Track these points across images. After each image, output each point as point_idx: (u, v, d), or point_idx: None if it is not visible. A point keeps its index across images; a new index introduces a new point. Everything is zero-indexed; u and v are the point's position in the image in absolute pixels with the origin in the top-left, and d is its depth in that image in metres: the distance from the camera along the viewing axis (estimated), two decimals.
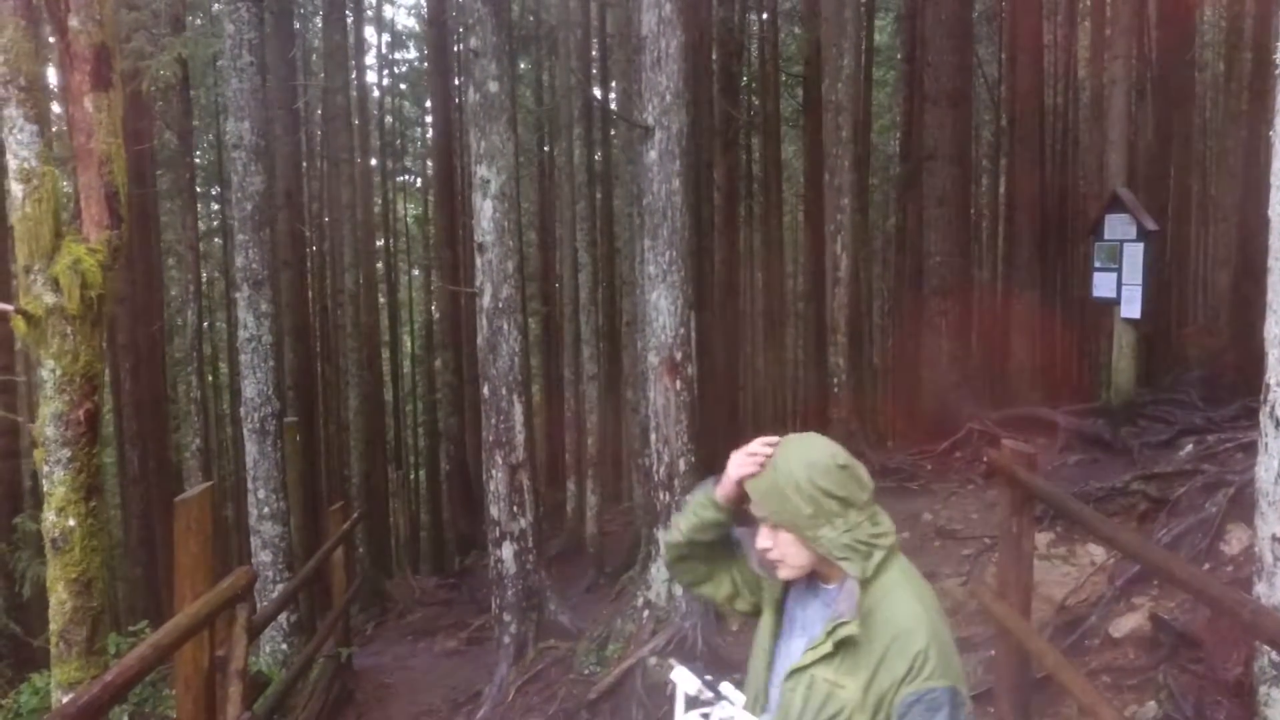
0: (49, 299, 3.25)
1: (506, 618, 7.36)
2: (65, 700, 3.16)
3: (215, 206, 23.80)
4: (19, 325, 3.23)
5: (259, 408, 7.65)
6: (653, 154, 6.45)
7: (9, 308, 3.31)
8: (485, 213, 7.19)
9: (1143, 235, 8.91)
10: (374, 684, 8.28)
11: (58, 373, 3.28)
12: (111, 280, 3.40)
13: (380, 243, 24.16)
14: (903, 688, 1.87)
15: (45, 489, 3.33)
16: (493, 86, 7.14)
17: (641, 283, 8.22)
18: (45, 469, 3.33)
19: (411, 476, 28.07)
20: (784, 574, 2.05)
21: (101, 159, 3.33)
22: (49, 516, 3.33)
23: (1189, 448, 6.70)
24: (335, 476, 17.57)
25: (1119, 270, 9.07)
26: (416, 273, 31.31)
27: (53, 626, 3.39)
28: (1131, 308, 8.99)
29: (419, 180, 30.98)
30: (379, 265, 22.52)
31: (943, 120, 10.30)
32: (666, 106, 6.37)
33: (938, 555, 7.56)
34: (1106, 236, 9.20)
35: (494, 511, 7.46)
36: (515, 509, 7.38)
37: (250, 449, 7.73)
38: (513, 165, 7.36)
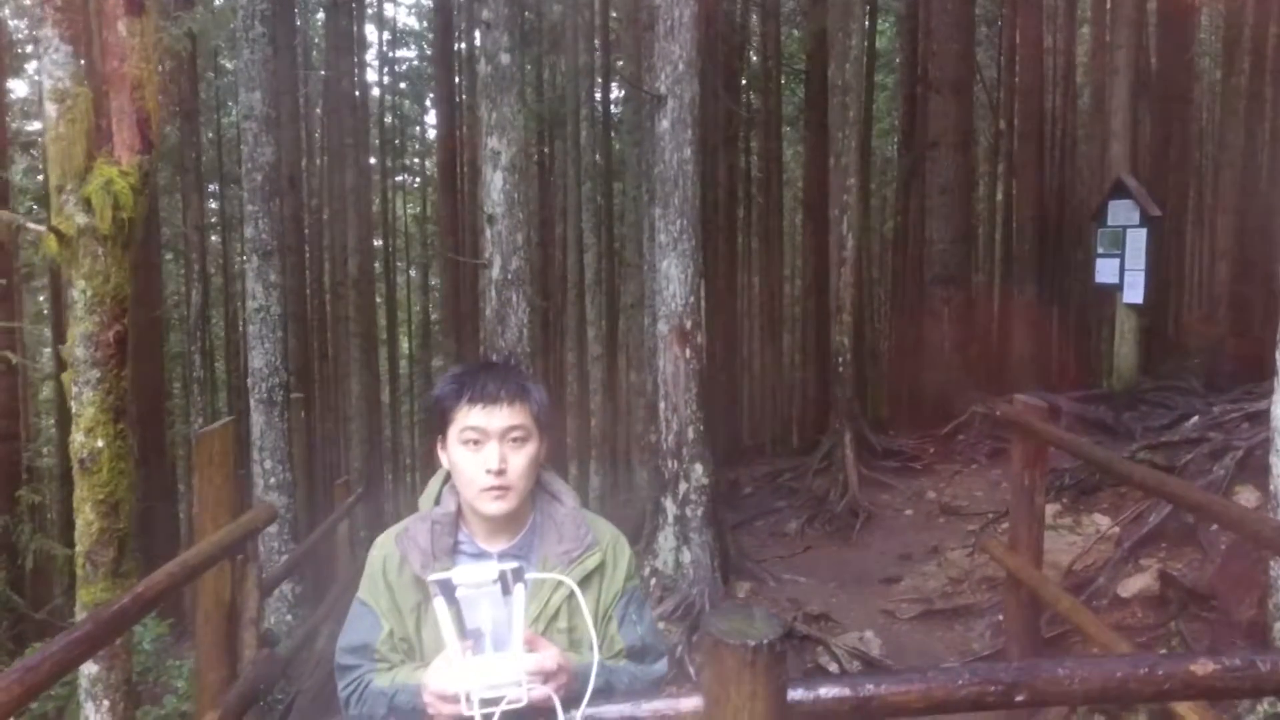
0: (81, 219, 3.26)
1: None
2: None
3: (213, 204, 23.78)
4: (50, 244, 3.25)
5: (267, 378, 7.66)
6: (665, 123, 6.49)
7: (41, 227, 3.33)
8: (495, 184, 7.21)
9: (1146, 221, 8.98)
10: None
11: (88, 293, 3.29)
12: (140, 205, 3.42)
13: (379, 241, 24.17)
14: (625, 586, 1.98)
15: (74, 410, 3.35)
16: (504, 58, 7.17)
17: (649, 257, 8.27)
18: (74, 390, 3.34)
19: (408, 479, 27.99)
20: (507, 505, 1.90)
21: (134, 83, 3.35)
22: (77, 437, 3.34)
23: (1195, 419, 6.74)
24: (333, 472, 17.52)
25: (1122, 256, 9.13)
26: (414, 273, 31.30)
27: (79, 548, 3.40)
28: (1134, 293, 9.05)
29: (417, 180, 31.00)
30: (376, 264, 22.52)
31: (946, 108, 10.38)
32: (679, 75, 6.42)
33: (943, 530, 7.61)
34: (1110, 223, 9.27)
35: None
36: None
37: (257, 420, 7.73)
38: (522, 138, 7.39)
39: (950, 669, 1.83)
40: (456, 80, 17.94)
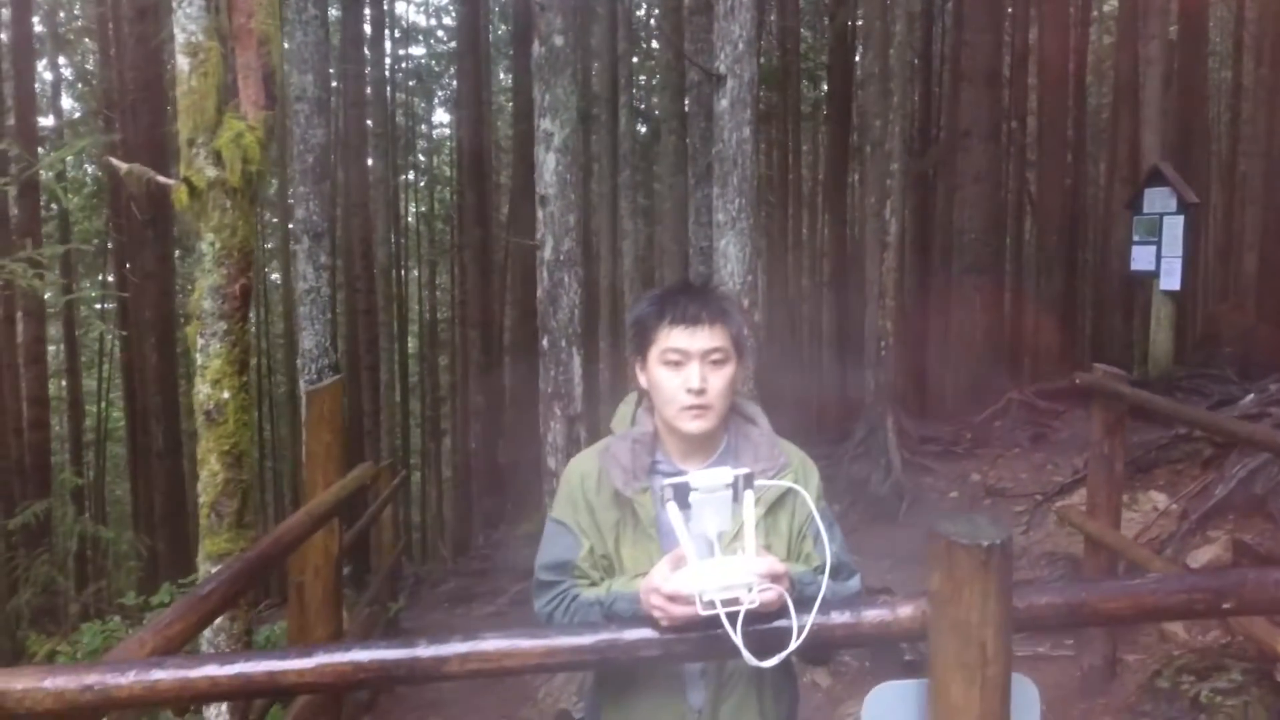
0: (211, 172, 3.30)
1: None
2: (214, 570, 3.21)
3: None
4: (181, 197, 3.29)
5: (316, 359, 7.69)
6: (724, 102, 6.53)
7: (171, 181, 3.37)
8: (548, 165, 7.25)
9: (1183, 208, 9.04)
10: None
11: (216, 246, 3.33)
12: (265, 160, 3.46)
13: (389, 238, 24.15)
14: (816, 505, 1.99)
15: (199, 362, 3.38)
16: (558, 40, 7.21)
17: (694, 241, 8.32)
18: (200, 342, 3.38)
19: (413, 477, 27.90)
20: (705, 424, 1.95)
21: (260, 39, 3.39)
22: (203, 389, 3.37)
23: (1250, 396, 6.80)
24: (363, 460, 17.45)
25: (1158, 243, 9.19)
26: (417, 272, 31.24)
27: (203, 499, 3.44)
28: (1171, 280, 9.11)
29: (424, 179, 31.04)
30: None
31: (979, 98, 10.45)
32: (739, 55, 6.46)
33: (990, 511, 7.65)
34: (1145, 210, 9.33)
35: (551, 463, 7.48)
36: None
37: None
38: (575, 119, 7.43)
39: (1160, 577, 1.87)
40: (485, 97, 17.94)
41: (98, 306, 23.33)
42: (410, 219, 30.03)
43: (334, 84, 19.03)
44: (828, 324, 16.76)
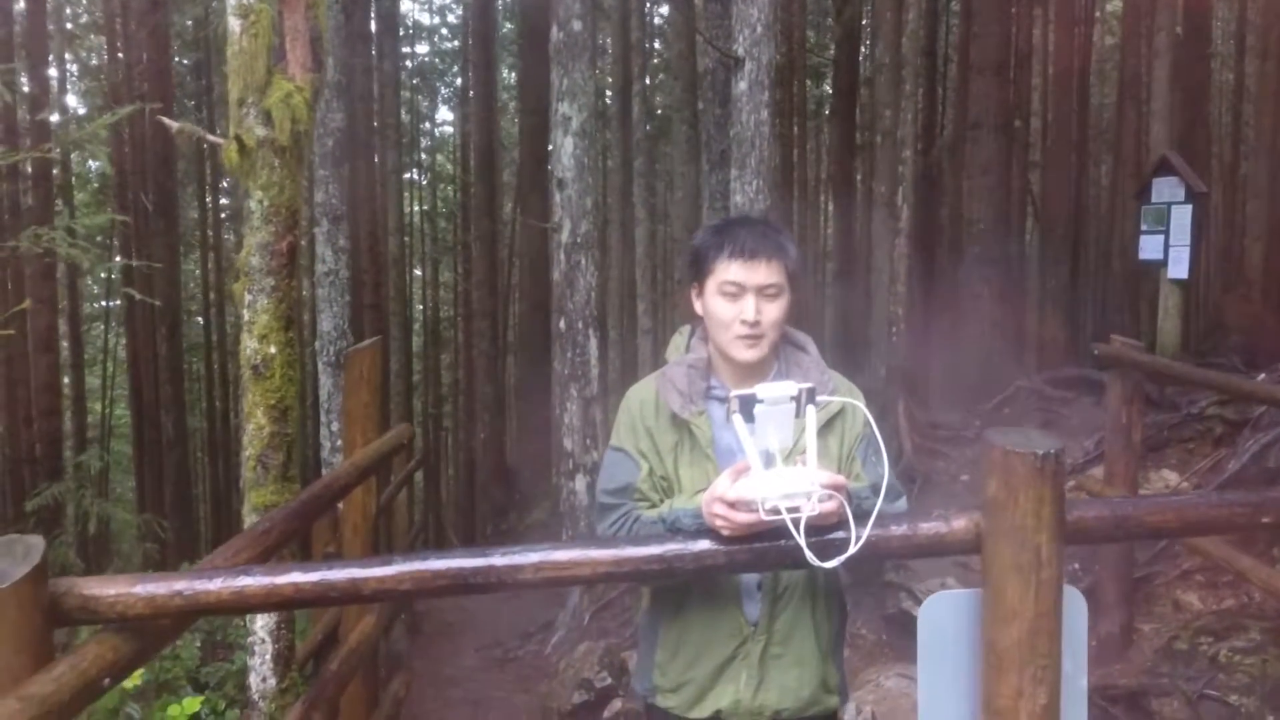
0: (260, 131, 3.37)
1: None
2: (259, 519, 3.28)
3: (225, 200, 23.78)
4: (231, 155, 3.36)
5: (334, 341, 7.78)
6: (742, 85, 6.62)
7: (221, 140, 3.45)
8: (566, 149, 7.35)
9: (1191, 197, 9.12)
10: (437, 622, 8.38)
11: (265, 204, 3.39)
12: (311, 121, 3.53)
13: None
14: (863, 431, 2.11)
15: (246, 318, 3.45)
16: (576, 25, 7.32)
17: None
18: (248, 299, 3.45)
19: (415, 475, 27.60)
20: (758, 352, 2.05)
21: (308, 2, 3.46)
22: (250, 344, 3.44)
23: (1262, 376, 6.89)
24: None
25: (1166, 232, 9.27)
26: (419, 271, 31.23)
27: (249, 452, 3.50)
28: (1179, 269, 9.18)
29: (425, 178, 31.08)
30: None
31: (988, 90, 10.54)
32: (757, 38, 6.55)
33: None
34: (1154, 200, 9.41)
35: (567, 444, 7.58)
36: (588, 441, 7.51)
37: (325, 382, 7.85)
38: (593, 103, 7.52)
39: (1203, 493, 1.95)
40: (493, 89, 17.98)
41: (102, 304, 23.40)
42: (414, 217, 30.00)
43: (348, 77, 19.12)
44: (830, 323, 16.83)
